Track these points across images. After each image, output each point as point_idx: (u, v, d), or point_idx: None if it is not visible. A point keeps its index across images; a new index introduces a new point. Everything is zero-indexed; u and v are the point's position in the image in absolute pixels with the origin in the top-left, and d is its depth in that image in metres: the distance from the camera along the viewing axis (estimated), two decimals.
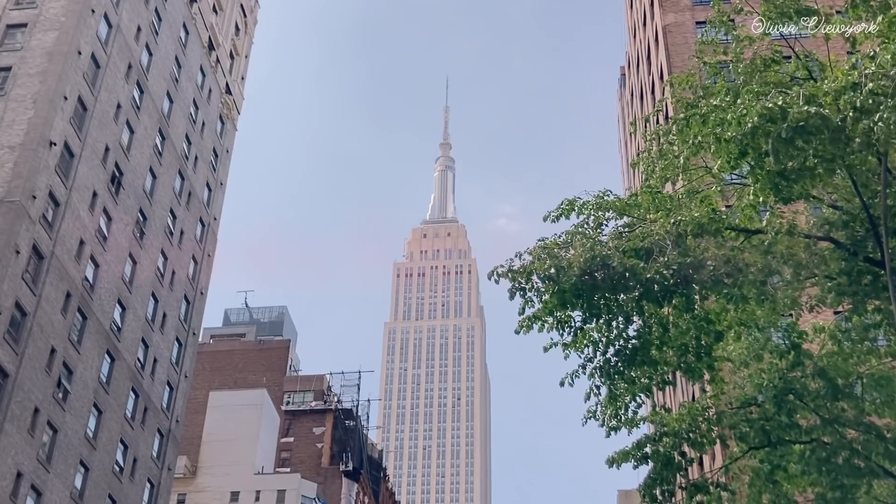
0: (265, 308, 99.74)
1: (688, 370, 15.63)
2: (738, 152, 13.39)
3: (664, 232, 14.06)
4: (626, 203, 15.61)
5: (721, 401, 18.79)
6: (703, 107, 14.86)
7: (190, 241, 57.66)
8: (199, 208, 59.37)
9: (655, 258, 13.80)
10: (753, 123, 12.62)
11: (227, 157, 65.21)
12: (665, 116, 37.05)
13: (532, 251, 14.46)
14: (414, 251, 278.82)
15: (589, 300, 14.04)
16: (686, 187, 16.82)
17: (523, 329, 14.56)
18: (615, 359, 14.73)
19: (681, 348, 15.30)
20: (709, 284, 13.90)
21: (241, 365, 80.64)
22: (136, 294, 49.49)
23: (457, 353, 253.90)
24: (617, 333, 14.61)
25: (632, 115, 65.15)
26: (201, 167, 59.84)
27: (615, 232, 14.93)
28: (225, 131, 64.65)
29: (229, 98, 65.17)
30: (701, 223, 13.99)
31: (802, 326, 17.73)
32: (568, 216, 15.52)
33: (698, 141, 14.66)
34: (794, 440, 17.48)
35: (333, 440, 76.64)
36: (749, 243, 15.18)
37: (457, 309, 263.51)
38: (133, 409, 48.82)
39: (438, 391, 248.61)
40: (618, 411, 15.63)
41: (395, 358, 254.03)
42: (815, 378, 17.32)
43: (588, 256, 13.72)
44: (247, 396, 72.11)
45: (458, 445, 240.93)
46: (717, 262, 13.95)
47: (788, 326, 17.49)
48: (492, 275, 14.47)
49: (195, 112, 58.91)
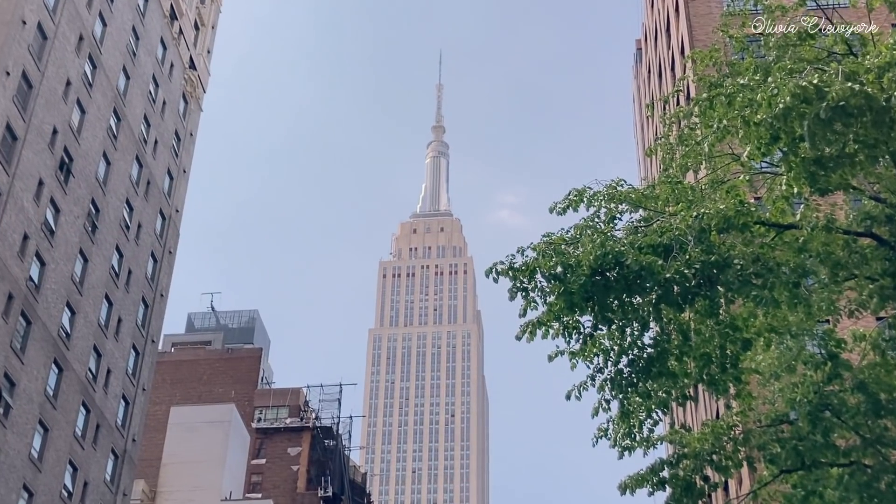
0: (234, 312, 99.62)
1: (711, 383, 15.62)
2: (770, 137, 13.39)
3: (685, 226, 14.05)
4: (643, 194, 15.60)
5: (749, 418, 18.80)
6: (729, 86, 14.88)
7: (148, 235, 57.56)
8: (158, 199, 59.26)
9: (675, 256, 13.79)
10: (786, 104, 12.61)
11: (191, 141, 65.11)
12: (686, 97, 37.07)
13: (536, 247, 14.44)
14: (402, 248, 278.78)
15: (600, 303, 14.02)
16: (710, 176, 16.84)
17: (526, 335, 14.53)
18: (629, 370, 14.71)
19: (703, 358, 15.29)
20: (735, 286, 13.89)
21: (206, 377, 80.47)
22: (88, 296, 49.36)
23: (451, 364, 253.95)
24: (631, 341, 14.58)
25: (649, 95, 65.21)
26: (162, 152, 59.73)
27: (630, 226, 14.92)
28: (188, 112, 64.55)
29: (193, 74, 65.07)
30: (727, 217, 13.98)
31: (841, 334, 17.75)
32: (576, 208, 15.50)
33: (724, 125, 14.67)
34: (830, 462, 17.51)
35: (311, 462, 76.52)
36: (781, 240, 15.18)
37: (451, 314, 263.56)
38: (84, 427, 48.70)
39: (430, 407, 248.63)
40: (631, 429, 15.62)
41: (381, 369, 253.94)
42: (854, 392, 17.34)
43: (599, 253, 13.70)
44: (212, 412, 71.95)
45: (452, 468, 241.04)
46: (745, 261, 13.94)
47: (825, 334, 17.51)
48: (490, 272, 14.43)
49: (155, 90, 58.82)
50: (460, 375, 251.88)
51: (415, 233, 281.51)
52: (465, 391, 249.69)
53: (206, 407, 73.41)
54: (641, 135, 76.37)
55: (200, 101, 66.83)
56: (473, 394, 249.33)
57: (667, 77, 52.99)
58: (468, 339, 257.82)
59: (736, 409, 19.16)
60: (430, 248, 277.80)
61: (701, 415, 41.55)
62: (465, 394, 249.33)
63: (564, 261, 13.99)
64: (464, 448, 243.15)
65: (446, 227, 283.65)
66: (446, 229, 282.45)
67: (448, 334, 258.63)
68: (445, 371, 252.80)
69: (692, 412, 45.38)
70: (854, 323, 18.46)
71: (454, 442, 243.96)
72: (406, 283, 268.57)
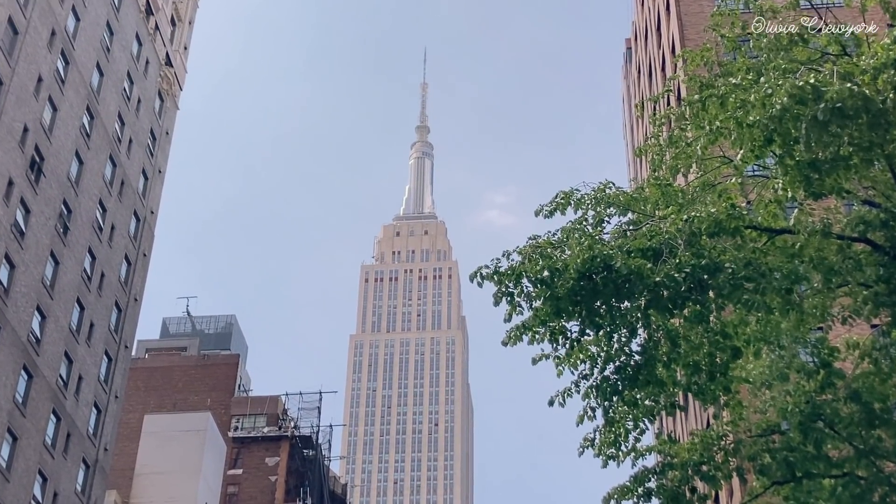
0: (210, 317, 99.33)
1: (700, 392, 15.62)
2: (763, 139, 13.41)
3: (675, 230, 14.06)
4: (632, 197, 15.62)
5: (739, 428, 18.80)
6: (722, 86, 14.89)
7: (122, 238, 57.28)
8: (133, 200, 58.99)
9: (665, 260, 13.79)
10: (782, 104, 12.62)
11: (167, 139, 64.88)
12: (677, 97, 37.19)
13: (522, 250, 14.43)
14: (385, 252, 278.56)
15: (587, 308, 14.02)
16: (701, 179, 16.85)
17: (511, 341, 14.50)
18: (615, 377, 14.70)
19: (692, 366, 15.30)
20: (726, 291, 13.90)
21: (181, 384, 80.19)
22: (59, 300, 49.04)
23: (434, 371, 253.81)
24: (618, 347, 14.57)
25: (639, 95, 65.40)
26: (136, 152, 59.47)
27: (618, 230, 14.92)
28: (164, 110, 64.32)
29: (170, 71, 64.84)
30: (718, 220, 13.99)
31: (834, 342, 17.75)
32: (564, 211, 15.50)
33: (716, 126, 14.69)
34: (823, 474, 17.51)
35: (289, 472, 76.28)
36: (773, 244, 15.21)
37: (435, 319, 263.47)
38: (54, 436, 48.35)
39: (413, 415, 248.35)
40: (617, 438, 15.60)
41: (363, 376, 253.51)
42: (847, 402, 17.36)
43: (587, 257, 13.70)
44: (188, 421, 71.63)
45: (436, 479, 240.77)
46: (737, 266, 13.96)
47: (817, 342, 17.54)
48: (475, 276, 14.42)
49: (129, 87, 58.57)
50: (444, 383, 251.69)
51: (398, 236, 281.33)
52: (449, 399, 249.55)
53: (181, 415, 73.07)
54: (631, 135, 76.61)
55: (177, 98, 66.59)
56: (458, 402, 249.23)
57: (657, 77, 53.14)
58: (452, 346, 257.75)
59: (726, 418, 19.16)
60: (414, 251, 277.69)
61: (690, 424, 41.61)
62: (449, 402, 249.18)
63: (551, 265, 13.98)
64: (448, 458, 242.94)
65: (430, 229, 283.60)
66: (430, 232, 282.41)
67: (432, 341, 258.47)
68: (429, 379, 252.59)
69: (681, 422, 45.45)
70: (848, 330, 18.52)
71: (438, 452, 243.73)
72: (389, 288, 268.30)
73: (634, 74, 69.60)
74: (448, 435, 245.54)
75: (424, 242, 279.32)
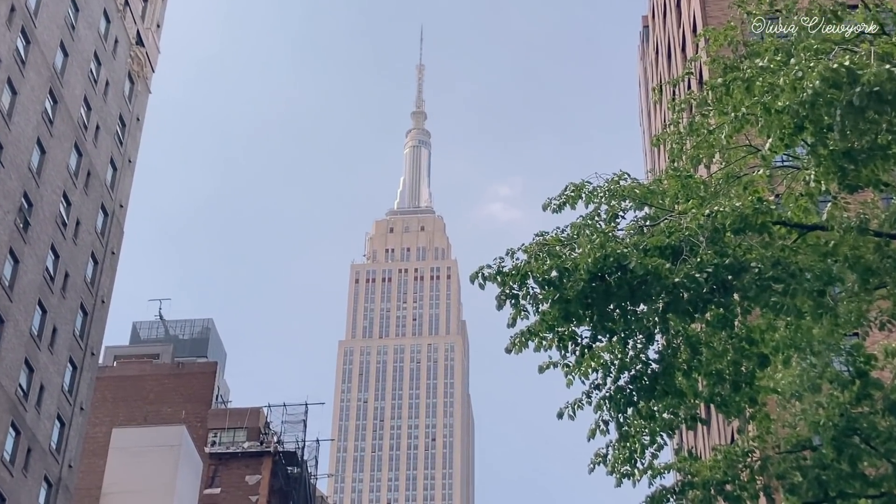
0: (185, 322, 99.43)
1: (723, 404, 15.61)
2: (794, 126, 13.36)
3: (696, 226, 14.03)
4: (648, 189, 15.58)
5: (766, 443, 18.81)
6: (747, 69, 14.85)
7: (88, 234, 57.21)
8: (100, 192, 58.92)
9: (685, 259, 13.76)
10: (814, 88, 12.56)
11: (138, 126, 64.83)
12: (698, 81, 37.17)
13: (527, 248, 14.39)
14: (377, 249, 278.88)
15: (599, 311, 13.99)
16: (724, 170, 16.81)
17: (516, 348, 14.45)
18: (630, 387, 14.67)
19: (715, 375, 15.29)
20: (753, 293, 13.85)
21: (153, 395, 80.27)
22: (18, 302, 48.95)
23: (432, 381, 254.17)
24: (634, 355, 14.55)
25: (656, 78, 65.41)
26: (104, 139, 59.40)
27: (634, 225, 14.88)
28: (135, 93, 64.26)
29: (141, 51, 64.79)
30: (743, 215, 13.95)
31: (870, 349, 17.76)
32: (574, 205, 15.46)
33: (742, 113, 14.66)
34: (859, 494, 17.54)
35: (272, 492, 76.30)
36: (804, 242, 15.18)
37: (432, 324, 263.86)
38: (13, 451, 48.27)
39: (408, 429, 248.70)
40: (632, 455, 15.58)
41: (353, 387, 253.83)
42: (886, 415, 17.36)
43: (599, 256, 13.67)
44: (160, 435, 71.65)
45: (433, 499, 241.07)
46: (764, 265, 13.91)
47: (853, 348, 17.51)
48: (476, 277, 14.38)
49: (96, 68, 58.49)
50: (442, 394, 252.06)
51: (391, 232, 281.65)
52: (447, 412, 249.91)
53: (153, 429, 73.10)
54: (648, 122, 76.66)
55: (148, 81, 66.54)
56: (457, 414, 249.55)
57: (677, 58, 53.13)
58: (451, 353, 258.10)
59: (752, 433, 19.15)
60: (409, 249, 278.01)
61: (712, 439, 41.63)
62: (447, 415, 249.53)
63: (560, 264, 13.95)
64: (446, 476, 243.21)
65: (427, 225, 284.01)
66: (427, 228, 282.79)
67: (429, 347, 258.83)
68: (426, 389, 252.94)
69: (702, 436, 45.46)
70: (886, 336, 18.49)
71: (435, 469, 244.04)
72: (381, 289, 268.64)
73: (652, 55, 69.59)
74: (446, 451, 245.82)
75: (421, 239, 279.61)
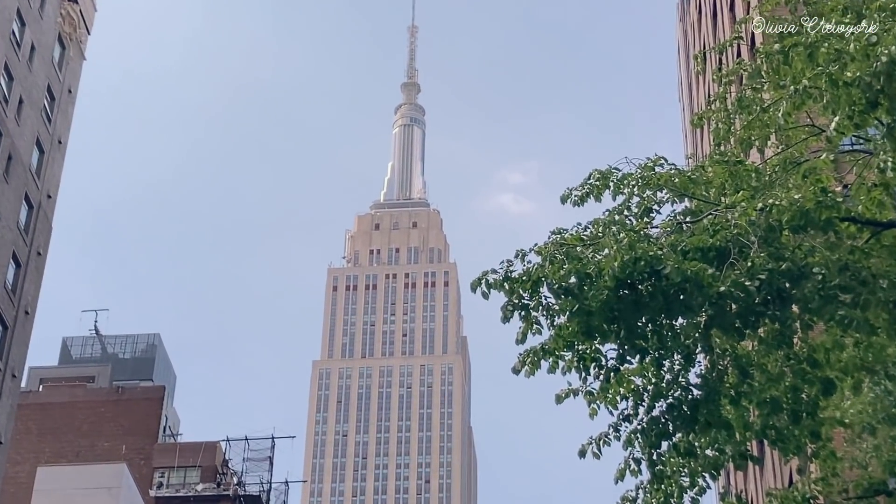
0: (127, 337, 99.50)
1: (780, 439, 15.67)
2: (866, 103, 13.47)
3: (747, 223, 14.10)
4: (689, 178, 15.66)
5: (832, 487, 18.86)
6: (810, 32, 14.96)
7: (9, 230, 57.23)
8: (23, 179, 58.94)
9: (733, 263, 13.85)
10: (891, 56, 12.69)
11: (70, 100, 64.82)
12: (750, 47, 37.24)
13: (542, 249, 14.47)
14: (360, 250, 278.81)
15: (628, 326, 14.04)
16: (781, 156, 16.92)
17: (526, 368, 14.56)
18: (667, 418, 14.76)
19: (769, 404, 15.34)
20: (815, 304, 13.94)
21: (86, 426, 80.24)
22: None
23: (425, 410, 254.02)
24: (671, 379, 14.63)
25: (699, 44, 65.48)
26: (28, 116, 59.40)
27: (671, 222, 14.97)
28: (66, 60, 64.27)
29: (74, 8, 64.85)
30: (804, 210, 14.04)
31: None
32: (599, 197, 15.55)
33: (803, 86, 14.78)
34: None
35: None
36: (878, 242, 15.27)
37: (426, 341, 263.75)
38: None
39: (396, 468, 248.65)
40: (668, 499, 15.66)
41: (329, 416, 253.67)
42: None
43: (627, 259, 13.72)
44: (96, 474, 71.61)
45: None
46: (829, 271, 14.00)
47: None
48: (478, 284, 14.44)
49: (20, 30, 58.49)
50: (438, 425, 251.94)
51: (377, 229, 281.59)
52: (444, 447, 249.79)
53: (87, 467, 73.03)
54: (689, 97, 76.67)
55: (83, 45, 66.58)
56: (456, 450, 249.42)
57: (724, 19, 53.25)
58: (449, 376, 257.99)
59: (814, 474, 19.24)
60: (398, 249, 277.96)
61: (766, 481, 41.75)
62: (444, 451, 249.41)
63: (581, 269, 14.01)
64: None
65: (420, 220, 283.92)
66: (420, 224, 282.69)
67: (422, 369, 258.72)
68: (418, 419, 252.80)
69: (754, 478, 45.59)
70: None
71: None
72: (365, 299, 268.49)
73: (694, 16, 69.62)
74: (443, 495, 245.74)
75: (412, 238, 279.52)
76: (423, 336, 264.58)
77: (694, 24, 69.74)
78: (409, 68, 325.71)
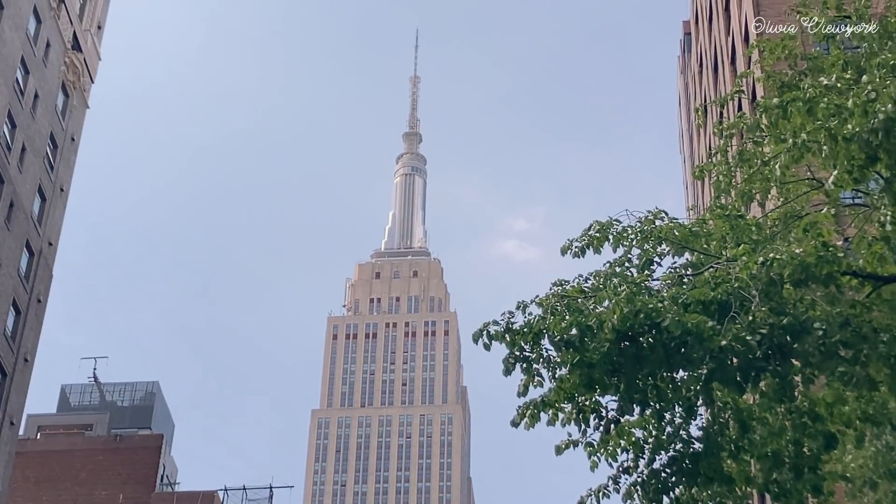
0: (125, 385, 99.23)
1: (782, 493, 15.63)
2: (865, 157, 13.52)
3: (748, 276, 14.12)
4: (690, 231, 15.69)
5: None
6: (809, 87, 15.03)
7: (10, 278, 57.19)
8: (25, 228, 58.97)
9: (734, 317, 13.85)
10: (888, 113, 12.75)
11: (72, 148, 64.99)
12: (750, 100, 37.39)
13: (543, 301, 14.48)
14: (360, 299, 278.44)
15: (628, 379, 14.05)
16: (782, 209, 16.95)
17: (526, 421, 14.52)
18: (667, 471, 14.71)
19: (771, 458, 15.32)
20: (816, 359, 13.94)
21: (84, 474, 79.90)
22: None
23: (425, 461, 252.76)
24: (672, 431, 14.61)
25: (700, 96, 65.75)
26: (31, 164, 59.53)
27: (672, 274, 14.98)
28: (70, 108, 64.51)
29: (78, 57, 65.15)
30: (805, 264, 14.06)
31: None
32: (599, 249, 15.56)
33: (802, 140, 14.82)
34: None
35: None
36: (879, 297, 15.26)
37: (426, 391, 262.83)
38: None
39: None
40: None
41: (328, 466, 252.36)
42: None
43: (628, 311, 13.75)
44: None
45: None
46: (830, 326, 14.00)
47: None
48: (480, 335, 14.46)
49: (24, 78, 58.74)
50: (438, 476, 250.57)
51: (377, 278, 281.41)
52: (443, 497, 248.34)
53: None
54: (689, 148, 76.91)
55: (86, 93, 66.83)
56: (455, 501, 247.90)
57: (725, 73, 53.48)
58: (449, 426, 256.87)
59: None
60: (398, 299, 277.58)
61: None
62: (443, 501, 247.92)
63: (582, 321, 14.03)
64: None
65: (421, 270, 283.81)
66: (421, 273, 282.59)
67: (422, 419, 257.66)
68: (417, 470, 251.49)
69: None
70: None
71: None
72: (364, 347, 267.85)
73: (695, 68, 69.94)
74: None
75: (413, 287, 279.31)
76: (423, 385, 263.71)
77: (695, 76, 70.03)
78: (411, 118, 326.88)
